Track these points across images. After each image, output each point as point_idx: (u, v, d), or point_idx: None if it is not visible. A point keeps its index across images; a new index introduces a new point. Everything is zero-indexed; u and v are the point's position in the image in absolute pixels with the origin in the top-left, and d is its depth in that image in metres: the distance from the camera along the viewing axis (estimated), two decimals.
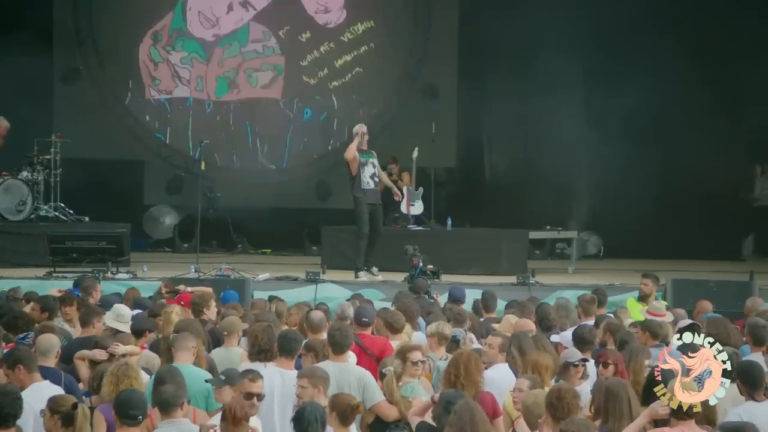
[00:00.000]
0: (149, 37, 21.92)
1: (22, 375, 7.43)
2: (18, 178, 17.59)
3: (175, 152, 21.96)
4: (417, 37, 22.06)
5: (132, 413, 6.37)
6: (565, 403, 6.74)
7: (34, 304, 10.62)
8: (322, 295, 14.65)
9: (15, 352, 7.72)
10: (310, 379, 7.43)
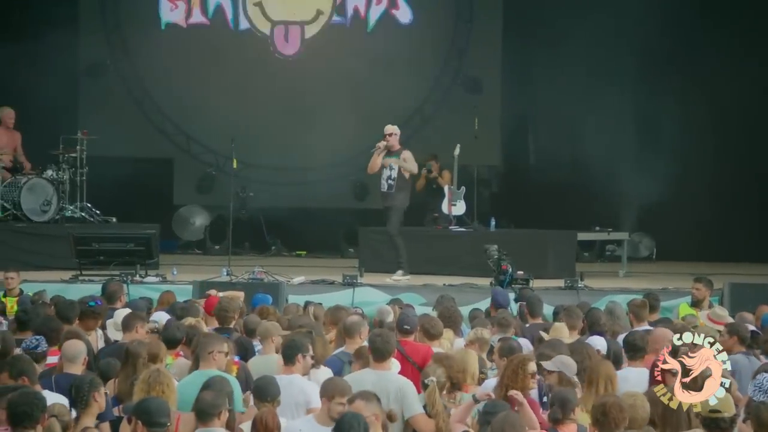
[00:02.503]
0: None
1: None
2: (43, 177, 17.69)
3: (206, 150, 22.04)
4: (459, 29, 22.03)
5: (161, 421, 6.40)
6: (611, 418, 6.75)
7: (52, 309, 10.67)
8: (360, 299, 14.66)
9: (17, 362, 7.74)
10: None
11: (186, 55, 21.55)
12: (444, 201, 18.25)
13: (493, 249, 14.75)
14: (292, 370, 8.20)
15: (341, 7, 22.13)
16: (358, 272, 16.39)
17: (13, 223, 17.43)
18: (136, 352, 8.23)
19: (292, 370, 8.21)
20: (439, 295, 12.91)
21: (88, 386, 7.19)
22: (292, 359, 8.26)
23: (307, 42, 22.07)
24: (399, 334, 9.30)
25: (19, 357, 7.95)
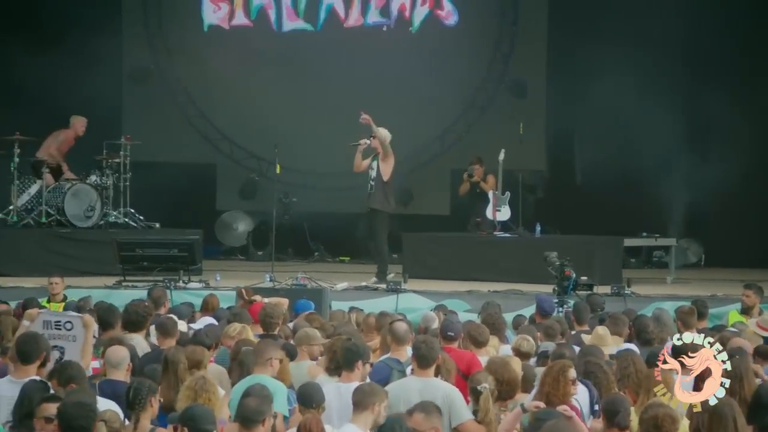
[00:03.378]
0: None
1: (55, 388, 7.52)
2: (87, 183, 17.85)
3: (249, 155, 22.13)
4: (504, 31, 22.01)
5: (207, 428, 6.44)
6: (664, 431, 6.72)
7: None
8: (404, 305, 14.67)
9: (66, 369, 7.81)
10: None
11: (228, 58, 21.61)
12: (488, 206, 18.24)
13: (553, 255, 14.61)
14: (350, 378, 8.21)
15: (385, 9, 22.17)
16: (401, 278, 16.39)
17: (57, 229, 17.59)
18: (175, 359, 8.28)
19: (351, 377, 8.22)
20: (484, 301, 12.89)
21: (146, 390, 7.28)
22: (352, 366, 8.28)
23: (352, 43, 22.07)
24: (443, 340, 9.31)
25: (67, 364, 8.01)
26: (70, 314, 9.18)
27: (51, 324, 8.81)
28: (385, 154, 16.21)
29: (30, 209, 17.80)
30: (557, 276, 14.20)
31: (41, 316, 8.88)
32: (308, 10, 22.17)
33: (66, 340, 8.73)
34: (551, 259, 14.46)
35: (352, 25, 22.25)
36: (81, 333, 8.76)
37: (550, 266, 14.44)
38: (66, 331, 8.79)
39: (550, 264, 14.42)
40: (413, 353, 8.32)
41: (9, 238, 17.37)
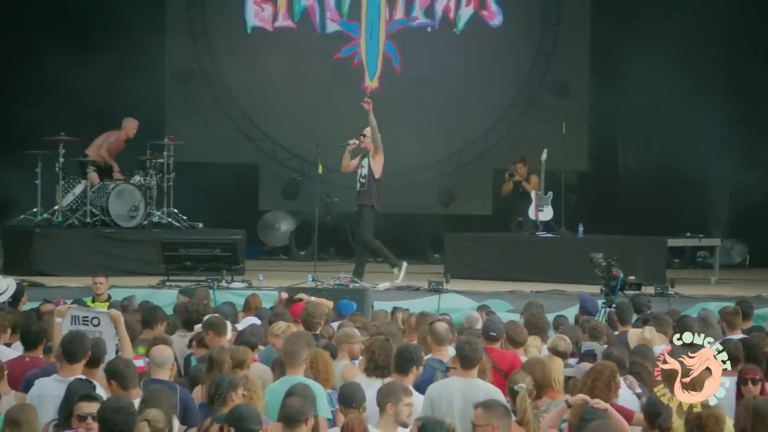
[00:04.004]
0: None
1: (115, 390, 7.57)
2: (130, 183, 17.96)
3: (292, 155, 22.20)
4: (547, 32, 21.96)
5: (253, 427, 6.47)
6: (708, 430, 6.69)
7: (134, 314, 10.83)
8: (446, 305, 14.66)
9: (110, 365, 7.87)
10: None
11: (272, 59, 21.70)
12: (531, 206, 18.20)
13: (599, 256, 14.52)
14: (404, 381, 8.23)
15: (430, 9, 22.16)
16: (443, 278, 16.39)
17: (101, 229, 17.71)
18: (220, 359, 8.29)
19: (405, 380, 8.25)
20: (527, 302, 12.86)
21: (226, 385, 7.35)
22: (406, 371, 8.29)
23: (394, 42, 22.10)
24: (485, 341, 9.30)
25: (110, 361, 8.07)
26: (97, 310, 9.23)
27: (79, 319, 8.86)
28: (375, 151, 16.23)
29: (75, 209, 17.94)
30: (604, 276, 14.12)
31: (70, 311, 8.94)
32: (352, 12, 22.21)
33: (92, 335, 8.76)
34: (597, 260, 14.37)
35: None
36: (108, 329, 8.79)
37: (596, 267, 14.35)
38: (93, 326, 8.82)
39: (597, 265, 14.34)
40: (457, 353, 8.31)
41: (54, 238, 17.51)
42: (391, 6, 22.22)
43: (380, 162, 16.22)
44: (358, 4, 22.20)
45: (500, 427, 6.88)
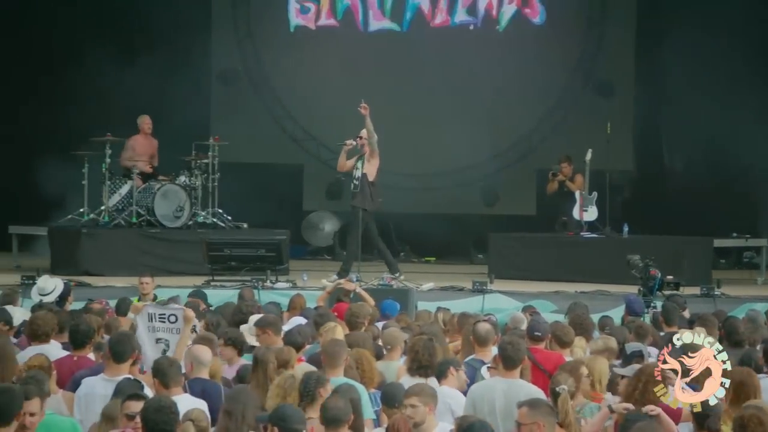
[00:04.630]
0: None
1: (157, 388, 7.62)
2: (176, 183, 18.06)
3: (336, 155, 22.20)
4: (591, 31, 21.86)
5: (297, 427, 6.49)
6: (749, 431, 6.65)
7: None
8: (490, 306, 14.67)
9: (155, 364, 7.91)
10: (419, 397, 7.36)
11: (315, 58, 21.75)
12: (575, 206, 18.14)
13: (635, 258, 14.48)
14: (446, 383, 8.24)
15: (472, 7, 22.13)
16: (487, 279, 16.37)
17: (147, 229, 17.83)
18: (265, 359, 8.32)
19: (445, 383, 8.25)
20: (571, 302, 12.82)
21: (315, 382, 7.45)
22: (445, 373, 8.32)
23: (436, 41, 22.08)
24: (529, 341, 9.29)
25: (156, 359, 8.10)
26: (174, 307, 9.24)
27: (156, 316, 8.85)
28: (371, 155, 16.28)
29: (121, 209, 18.08)
30: (642, 277, 14.06)
31: (146, 308, 8.95)
32: (394, 10, 22.23)
33: (171, 333, 8.77)
34: (634, 261, 14.34)
35: (439, 24, 22.25)
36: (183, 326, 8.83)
37: (633, 269, 14.30)
38: (170, 323, 8.83)
39: (634, 266, 14.30)
40: (499, 354, 8.31)
41: (100, 238, 17.64)
42: (434, 4, 22.21)
43: (375, 165, 16.31)
44: (401, 3, 22.20)
45: (545, 426, 6.86)
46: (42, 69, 20.86)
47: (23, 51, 20.98)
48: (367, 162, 16.23)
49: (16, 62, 20.95)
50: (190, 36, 20.89)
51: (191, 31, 21.03)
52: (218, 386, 8.14)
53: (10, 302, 11.45)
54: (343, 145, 16.35)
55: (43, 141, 20.04)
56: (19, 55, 20.96)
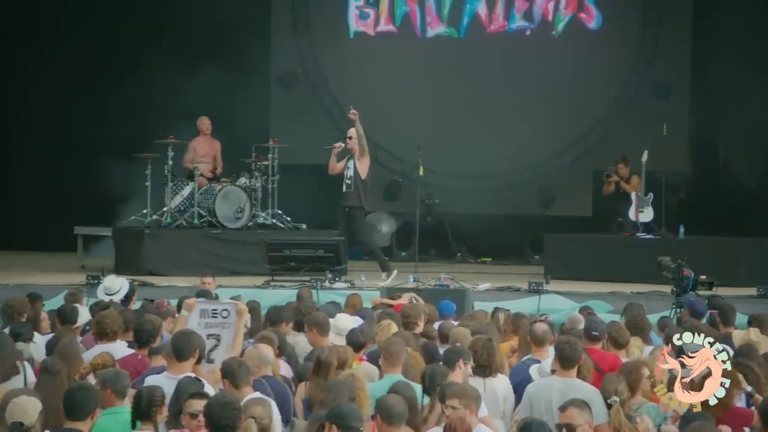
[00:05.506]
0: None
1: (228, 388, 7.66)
2: (236, 185, 18.17)
3: (393, 157, 22.26)
4: (647, 34, 21.72)
5: (355, 425, 6.51)
6: None
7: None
8: (546, 306, 14.60)
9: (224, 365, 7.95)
10: (461, 399, 7.33)
11: (373, 63, 21.80)
12: (631, 208, 18.03)
13: (666, 259, 14.40)
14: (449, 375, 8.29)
15: (528, 13, 22.07)
16: (543, 279, 16.31)
17: (208, 230, 17.94)
18: (328, 361, 8.34)
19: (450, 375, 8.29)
20: (627, 302, 12.73)
21: (441, 375, 7.67)
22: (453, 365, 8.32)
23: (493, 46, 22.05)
24: (587, 341, 9.24)
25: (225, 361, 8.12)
26: (225, 302, 9.24)
27: (208, 312, 8.87)
28: (361, 154, 16.32)
29: (183, 210, 18.21)
30: (675, 277, 13.97)
31: (198, 305, 8.98)
32: (452, 16, 22.22)
33: (222, 328, 8.78)
34: (665, 262, 14.24)
35: (495, 30, 22.21)
36: (235, 321, 8.87)
37: (664, 270, 14.20)
38: (222, 318, 8.84)
39: (665, 267, 14.20)
40: (556, 353, 8.28)
41: (163, 238, 17.78)
42: (490, 10, 22.16)
43: (366, 164, 16.41)
44: (458, 9, 22.18)
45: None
46: (106, 74, 21.07)
47: (88, 56, 21.20)
48: (358, 161, 16.36)
49: (81, 67, 21.16)
50: (250, 40, 21.02)
51: (251, 35, 21.17)
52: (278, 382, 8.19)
53: (76, 301, 11.56)
54: (332, 149, 16.44)
55: (107, 144, 20.23)
56: (85, 61, 21.17)
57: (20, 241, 20.96)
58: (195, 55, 20.55)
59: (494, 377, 8.60)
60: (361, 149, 16.35)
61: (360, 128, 16.40)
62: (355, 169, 16.37)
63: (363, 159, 16.37)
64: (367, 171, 16.42)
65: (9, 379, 8.39)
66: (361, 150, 16.36)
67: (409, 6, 22.35)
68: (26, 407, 6.66)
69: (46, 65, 20.88)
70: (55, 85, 21.02)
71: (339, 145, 16.46)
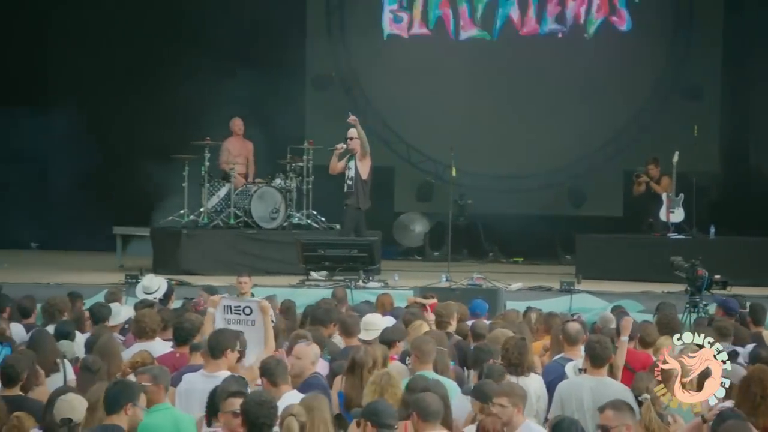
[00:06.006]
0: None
1: (266, 386, 7.69)
2: (272, 186, 18.23)
3: (426, 158, 22.27)
4: (678, 36, 21.63)
5: (389, 422, 6.52)
6: None
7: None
8: (577, 305, 14.56)
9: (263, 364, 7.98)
10: (509, 398, 7.32)
11: (407, 65, 21.81)
12: (662, 208, 17.96)
13: (678, 259, 14.32)
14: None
15: (561, 16, 22.03)
16: (575, 279, 16.26)
17: (244, 230, 18.01)
18: (363, 362, 8.35)
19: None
20: (658, 302, 12.68)
21: (497, 374, 7.78)
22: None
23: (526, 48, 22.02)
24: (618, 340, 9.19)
25: (263, 360, 8.15)
26: (249, 299, 9.30)
27: (231, 309, 8.92)
28: (363, 155, 16.43)
29: (219, 211, 18.29)
30: (689, 276, 13.87)
31: (222, 301, 9.03)
32: (485, 19, 22.21)
33: (245, 325, 8.81)
34: (678, 262, 14.15)
35: (528, 32, 22.19)
36: (259, 318, 8.87)
37: (677, 270, 14.11)
38: (245, 315, 8.88)
39: (678, 267, 14.10)
40: (587, 352, 8.27)
41: (200, 238, 17.87)
42: (523, 13, 22.13)
43: (367, 165, 16.58)
44: (491, 12, 22.16)
45: (633, 427, 6.82)
46: (146, 76, 21.18)
47: (129, 60, 21.30)
48: (359, 162, 16.48)
49: (121, 70, 21.27)
50: (286, 44, 21.08)
51: (287, 39, 21.23)
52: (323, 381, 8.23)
53: (115, 300, 11.64)
54: (333, 150, 16.52)
55: (145, 145, 20.34)
56: (125, 64, 21.28)
57: (60, 241, 21.14)
58: (232, 59, 20.64)
59: (527, 376, 8.56)
60: (363, 151, 16.50)
61: (362, 131, 16.51)
62: (356, 170, 16.50)
63: (365, 160, 16.51)
64: (369, 172, 16.59)
65: (48, 376, 8.46)
66: (363, 152, 16.50)
67: (442, 9, 22.35)
68: (74, 404, 6.77)
69: (87, 68, 21.00)
70: (95, 88, 21.15)
71: (341, 146, 16.58)
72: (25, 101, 21.10)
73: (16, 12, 21.06)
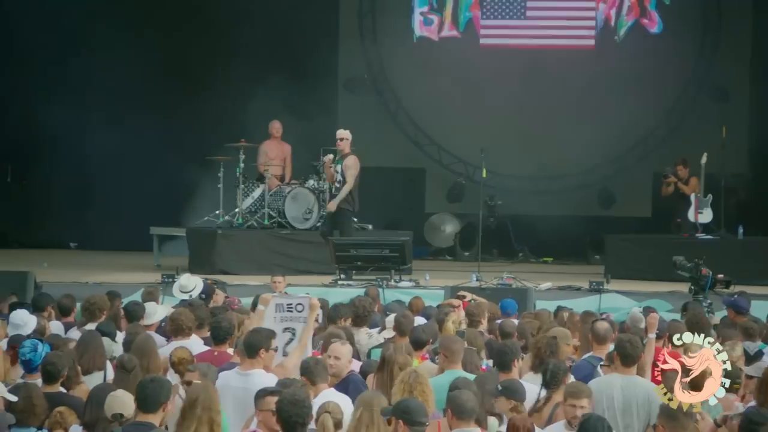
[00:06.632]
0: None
1: None
2: (305, 187, 18.27)
3: (457, 160, 22.27)
4: (707, 38, 21.53)
5: (420, 420, 6.53)
6: None
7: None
8: (606, 305, 14.53)
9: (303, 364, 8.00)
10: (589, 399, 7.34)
11: (437, 67, 21.81)
12: (690, 209, 17.89)
13: (681, 259, 14.25)
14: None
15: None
16: (604, 278, 16.23)
17: (278, 230, 18.07)
18: (392, 359, 8.37)
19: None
20: (686, 301, 12.64)
21: (563, 371, 7.91)
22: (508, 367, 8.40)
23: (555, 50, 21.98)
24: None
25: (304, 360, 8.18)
26: (300, 296, 9.29)
27: (283, 307, 8.90)
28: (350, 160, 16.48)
29: (254, 212, 18.35)
30: (693, 276, 13.80)
31: (274, 299, 9.02)
32: None
33: (298, 322, 8.82)
34: (681, 262, 14.07)
35: None
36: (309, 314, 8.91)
37: (680, 269, 14.03)
38: (297, 312, 8.87)
39: (681, 267, 14.03)
40: (617, 351, 8.26)
41: (235, 238, 17.93)
42: None
43: (349, 176, 16.52)
44: None
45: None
46: (183, 80, 21.26)
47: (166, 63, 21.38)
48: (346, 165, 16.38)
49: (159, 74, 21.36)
50: (319, 47, 21.14)
51: (320, 42, 21.29)
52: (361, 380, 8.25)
53: (152, 299, 11.69)
54: (323, 164, 16.81)
55: (182, 147, 20.43)
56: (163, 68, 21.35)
57: (98, 241, 21.27)
58: (266, 63, 20.70)
59: None
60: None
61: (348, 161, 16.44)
62: (342, 173, 16.49)
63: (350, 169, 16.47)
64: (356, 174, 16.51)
65: (90, 373, 8.53)
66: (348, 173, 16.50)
67: (472, 12, 22.33)
68: (125, 399, 6.90)
69: (126, 71, 21.11)
70: (134, 91, 21.25)
71: (329, 157, 16.60)
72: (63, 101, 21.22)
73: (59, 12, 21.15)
